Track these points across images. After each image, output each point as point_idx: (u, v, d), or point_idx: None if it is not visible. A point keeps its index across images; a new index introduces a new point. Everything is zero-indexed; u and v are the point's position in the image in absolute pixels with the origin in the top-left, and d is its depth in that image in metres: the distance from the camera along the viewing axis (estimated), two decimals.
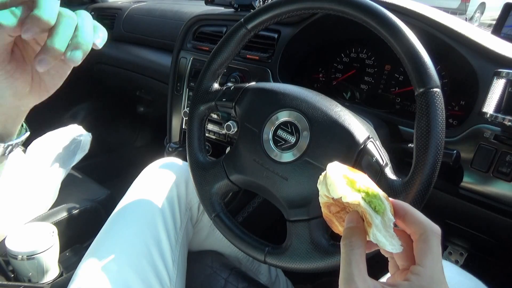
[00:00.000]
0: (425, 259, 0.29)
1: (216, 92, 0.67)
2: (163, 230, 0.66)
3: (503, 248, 0.76)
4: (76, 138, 1.04)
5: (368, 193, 0.32)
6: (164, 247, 0.64)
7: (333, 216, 0.36)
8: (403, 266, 0.33)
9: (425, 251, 0.30)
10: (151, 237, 0.64)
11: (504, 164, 0.59)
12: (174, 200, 0.70)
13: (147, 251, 0.62)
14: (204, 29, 1.03)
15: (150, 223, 0.65)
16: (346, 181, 0.32)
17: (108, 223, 0.67)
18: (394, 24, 0.50)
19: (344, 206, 0.34)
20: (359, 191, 0.32)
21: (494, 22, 0.83)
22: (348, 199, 0.31)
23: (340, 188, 0.31)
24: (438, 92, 0.46)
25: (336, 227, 0.37)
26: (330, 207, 0.35)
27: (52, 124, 1.26)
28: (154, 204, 0.68)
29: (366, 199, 0.31)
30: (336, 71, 0.94)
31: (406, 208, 0.32)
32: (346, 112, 0.56)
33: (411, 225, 0.32)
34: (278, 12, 0.59)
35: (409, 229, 0.32)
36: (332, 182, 0.32)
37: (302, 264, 0.54)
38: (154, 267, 0.61)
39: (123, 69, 1.49)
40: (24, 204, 0.89)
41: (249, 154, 0.60)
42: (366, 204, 0.31)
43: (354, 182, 0.32)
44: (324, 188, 0.33)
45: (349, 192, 0.31)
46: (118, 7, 1.58)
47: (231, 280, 0.73)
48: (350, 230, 0.32)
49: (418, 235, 0.31)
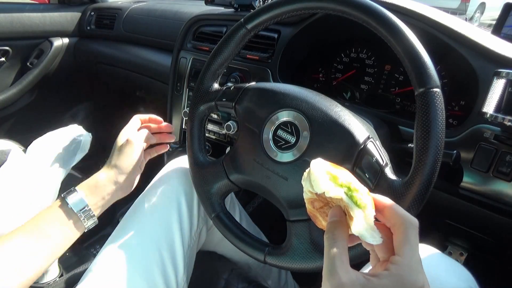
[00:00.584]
0: (403, 250, 0.31)
1: (216, 92, 0.67)
2: (178, 234, 0.64)
3: (503, 248, 0.76)
4: (76, 138, 1.04)
5: (350, 188, 0.33)
6: (177, 252, 0.63)
7: (317, 211, 0.37)
8: (383, 258, 0.34)
9: (403, 242, 0.31)
10: (165, 241, 0.62)
11: (504, 164, 0.59)
12: (193, 202, 0.68)
13: (160, 258, 0.60)
14: (204, 29, 1.03)
15: (166, 226, 0.63)
16: (329, 177, 0.33)
17: (123, 223, 0.65)
18: (394, 24, 0.50)
19: (327, 201, 0.35)
20: (341, 186, 0.33)
21: (494, 22, 0.83)
22: (331, 194, 0.33)
23: (323, 183, 0.33)
24: (438, 92, 0.46)
25: (320, 222, 0.38)
26: (314, 202, 0.37)
27: (52, 124, 1.26)
28: (173, 205, 0.65)
29: (348, 193, 0.33)
30: (336, 71, 0.94)
31: (386, 202, 0.34)
32: (346, 112, 0.56)
33: (391, 218, 0.33)
34: (278, 12, 0.59)
35: (389, 222, 0.33)
36: (315, 178, 0.33)
37: (302, 264, 0.54)
38: (164, 275, 0.60)
39: (123, 69, 1.50)
40: (24, 204, 0.89)
41: (249, 154, 0.60)
42: (348, 199, 0.32)
43: (337, 177, 0.33)
44: (308, 184, 0.35)
45: (332, 187, 0.33)
46: (118, 7, 1.58)
47: (231, 280, 0.73)
48: (333, 224, 0.33)
49: (397, 227, 0.32)
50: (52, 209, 0.57)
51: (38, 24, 1.52)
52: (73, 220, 0.57)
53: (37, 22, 1.51)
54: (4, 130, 1.60)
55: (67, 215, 0.56)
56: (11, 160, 0.93)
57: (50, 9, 1.56)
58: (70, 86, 1.78)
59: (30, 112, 1.64)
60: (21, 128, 1.63)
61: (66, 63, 1.64)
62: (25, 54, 1.55)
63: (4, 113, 1.56)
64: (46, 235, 0.54)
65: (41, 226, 0.55)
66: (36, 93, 1.63)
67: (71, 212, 0.57)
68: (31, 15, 1.49)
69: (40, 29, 1.53)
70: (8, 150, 0.95)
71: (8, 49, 1.48)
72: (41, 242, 0.54)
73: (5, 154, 0.94)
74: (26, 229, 0.54)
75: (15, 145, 1.03)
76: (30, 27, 1.50)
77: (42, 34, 1.55)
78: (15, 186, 0.89)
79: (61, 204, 0.57)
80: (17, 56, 1.53)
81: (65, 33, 1.62)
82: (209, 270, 0.76)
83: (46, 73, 1.58)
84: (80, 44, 1.65)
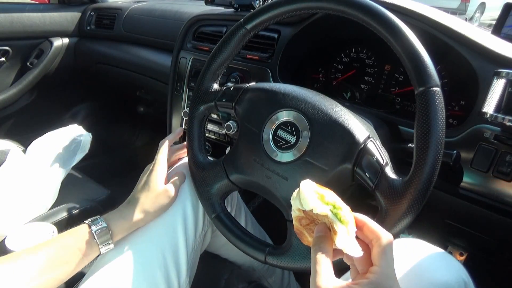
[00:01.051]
0: (381, 261, 0.35)
1: (216, 92, 0.67)
2: (182, 237, 0.63)
3: (503, 248, 0.76)
4: (76, 138, 1.04)
5: (335, 205, 0.37)
6: (180, 256, 0.62)
7: (304, 228, 0.41)
8: (362, 270, 0.38)
9: (380, 254, 0.36)
10: (168, 244, 0.61)
11: (504, 164, 0.59)
12: (199, 204, 0.66)
13: (163, 261, 0.60)
14: (204, 29, 1.03)
15: (170, 228, 0.62)
16: (317, 196, 0.38)
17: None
18: (394, 24, 0.50)
19: (314, 219, 0.39)
20: (327, 204, 0.37)
21: (494, 22, 0.83)
22: (318, 210, 0.37)
23: (312, 201, 0.37)
24: (438, 91, 0.46)
25: (306, 238, 0.42)
26: (301, 220, 0.41)
27: (52, 124, 1.26)
28: (178, 208, 0.64)
29: (333, 211, 0.37)
30: (336, 71, 0.94)
31: (365, 220, 0.39)
32: (346, 112, 0.56)
33: (369, 233, 0.38)
34: (278, 12, 0.59)
35: (367, 238, 0.38)
36: (304, 197, 0.38)
37: (303, 264, 0.54)
38: (167, 278, 0.59)
39: (123, 69, 1.50)
40: (24, 204, 0.89)
41: (249, 154, 0.60)
42: (333, 215, 0.37)
43: (323, 196, 0.38)
44: (297, 202, 0.39)
45: (319, 204, 0.37)
46: (118, 7, 1.58)
47: (231, 280, 0.73)
48: (319, 238, 0.38)
49: (374, 241, 0.37)
50: (76, 236, 0.56)
51: (38, 24, 1.52)
52: (93, 249, 0.56)
53: (37, 22, 1.51)
54: (4, 130, 1.60)
55: (88, 244, 0.55)
56: (10, 160, 0.93)
57: (50, 9, 1.56)
58: (70, 86, 1.78)
59: (30, 112, 1.65)
60: (21, 128, 1.63)
61: (66, 63, 1.64)
62: (25, 54, 1.55)
63: (4, 113, 1.56)
64: (64, 260, 0.53)
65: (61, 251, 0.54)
66: (36, 93, 1.63)
67: (93, 242, 0.56)
68: (31, 15, 1.49)
69: (40, 29, 1.53)
70: (8, 150, 0.95)
71: (8, 49, 1.48)
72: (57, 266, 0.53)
73: (5, 154, 0.94)
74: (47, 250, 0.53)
75: (15, 145, 1.04)
76: (30, 27, 1.50)
77: (42, 34, 1.55)
78: (15, 186, 0.89)
79: (85, 232, 0.56)
80: (17, 56, 1.53)
81: (65, 33, 1.62)
82: (209, 271, 0.76)
83: (46, 73, 1.58)
84: (80, 44, 1.65)
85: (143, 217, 0.60)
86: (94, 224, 0.56)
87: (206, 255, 0.79)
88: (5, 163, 0.92)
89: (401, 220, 0.47)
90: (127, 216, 0.59)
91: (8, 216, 0.85)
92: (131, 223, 0.59)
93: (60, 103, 1.79)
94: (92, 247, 0.56)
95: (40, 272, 0.51)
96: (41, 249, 0.52)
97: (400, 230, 0.49)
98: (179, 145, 0.74)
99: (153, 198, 0.61)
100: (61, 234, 0.56)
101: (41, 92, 1.64)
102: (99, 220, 0.57)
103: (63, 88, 1.75)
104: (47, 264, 0.52)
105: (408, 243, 0.57)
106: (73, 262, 0.54)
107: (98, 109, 1.91)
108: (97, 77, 1.72)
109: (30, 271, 0.50)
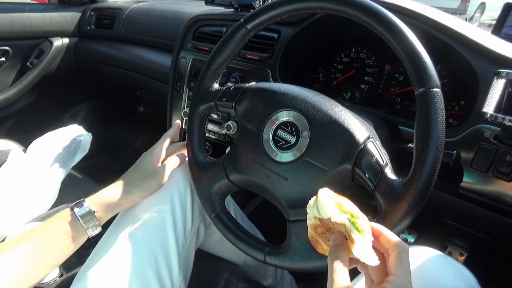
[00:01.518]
0: (397, 271, 0.36)
1: (216, 92, 0.67)
2: (172, 235, 0.62)
3: (503, 248, 0.76)
4: (76, 138, 1.04)
5: (352, 214, 0.37)
6: (171, 254, 0.62)
7: (319, 236, 0.42)
8: (377, 280, 0.38)
9: (397, 264, 0.36)
10: (158, 243, 0.61)
11: (504, 164, 0.59)
12: (187, 202, 0.67)
13: (154, 261, 0.60)
14: (204, 29, 1.03)
15: (159, 226, 0.62)
16: (335, 204, 0.38)
17: (114, 224, 0.64)
18: (394, 24, 0.50)
19: (330, 227, 0.40)
20: (345, 212, 0.37)
21: (494, 22, 0.83)
22: (336, 219, 0.37)
23: (330, 209, 0.37)
24: (438, 92, 0.46)
25: (321, 246, 0.43)
26: (317, 228, 0.41)
27: (52, 124, 1.26)
28: (165, 205, 0.64)
29: (351, 220, 0.37)
30: (336, 71, 0.94)
31: (382, 229, 0.39)
32: (346, 112, 0.56)
33: (386, 243, 0.38)
34: (278, 12, 0.59)
35: (383, 248, 0.38)
36: (323, 205, 0.38)
37: (302, 264, 0.54)
38: (159, 277, 0.59)
39: (123, 69, 1.50)
40: (24, 204, 0.89)
41: (249, 154, 0.60)
42: (351, 224, 0.37)
43: (342, 205, 0.38)
44: (314, 210, 0.39)
45: (337, 213, 0.37)
46: (118, 7, 1.58)
47: (231, 280, 0.73)
48: (336, 247, 0.38)
49: (391, 251, 0.37)
50: (60, 220, 0.56)
51: (38, 24, 1.52)
52: (80, 231, 0.56)
53: (37, 22, 1.51)
54: (4, 130, 1.60)
55: (74, 227, 0.55)
56: (11, 160, 0.93)
57: (50, 9, 1.56)
58: (70, 86, 1.78)
59: (30, 112, 1.65)
60: (21, 128, 1.63)
61: (66, 63, 1.64)
62: (25, 54, 1.55)
63: (4, 113, 1.56)
64: (51, 246, 0.54)
65: (46, 236, 0.54)
66: (36, 93, 1.63)
67: (78, 225, 0.56)
68: (31, 15, 1.49)
69: (40, 29, 1.53)
70: (8, 150, 0.95)
71: (8, 49, 1.48)
72: (45, 253, 0.53)
73: (5, 154, 0.94)
74: (31, 237, 0.53)
75: (15, 145, 1.03)
76: (30, 27, 1.50)
77: (42, 34, 1.55)
78: (15, 186, 0.89)
79: (68, 216, 0.56)
80: (17, 56, 1.53)
81: (65, 33, 1.62)
82: (209, 271, 0.76)
83: (46, 73, 1.58)
84: (80, 44, 1.65)
85: (128, 196, 0.60)
86: (77, 206, 0.57)
87: (206, 255, 0.79)
88: (6, 163, 0.92)
89: (401, 220, 0.47)
90: (111, 196, 0.59)
91: (8, 216, 0.85)
92: (115, 203, 0.59)
93: (60, 103, 1.79)
94: (78, 230, 0.56)
95: (26, 260, 0.51)
96: (25, 237, 0.52)
97: (400, 230, 0.49)
98: (180, 143, 0.74)
99: (141, 178, 0.62)
100: (45, 221, 0.56)
101: (41, 92, 1.64)
102: (81, 202, 0.57)
103: (63, 88, 1.75)
104: (34, 251, 0.52)
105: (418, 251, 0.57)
106: (60, 247, 0.54)
107: (98, 109, 1.91)
108: (97, 77, 1.72)
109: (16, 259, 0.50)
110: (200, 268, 0.73)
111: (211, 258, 0.79)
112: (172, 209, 0.64)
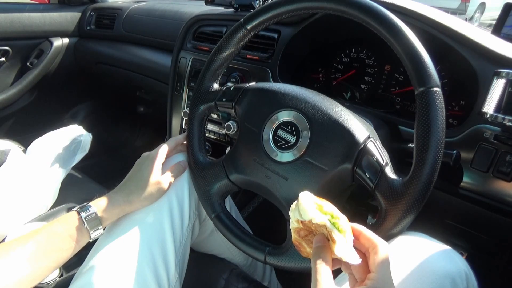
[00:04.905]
0: (378, 267, 0.37)
1: (216, 92, 0.67)
2: (169, 232, 0.63)
3: (503, 248, 0.76)
4: (76, 138, 1.04)
5: (332, 215, 0.39)
6: (168, 251, 0.62)
7: (302, 239, 0.42)
8: (360, 278, 0.39)
9: (377, 261, 0.37)
10: (156, 240, 0.61)
11: (504, 164, 0.59)
12: (184, 197, 0.67)
13: (151, 258, 0.60)
14: (204, 29, 1.03)
15: (156, 223, 0.62)
16: (315, 206, 0.39)
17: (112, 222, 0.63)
18: (394, 24, 0.50)
19: (312, 230, 0.41)
20: (325, 214, 0.39)
21: (494, 22, 0.83)
22: (317, 220, 0.38)
23: (311, 211, 0.39)
24: (438, 91, 0.46)
25: (304, 250, 0.43)
26: (299, 232, 0.42)
27: (52, 124, 1.27)
28: (163, 202, 0.64)
29: (331, 220, 0.38)
30: (336, 71, 0.94)
31: (361, 229, 0.40)
32: (346, 112, 0.56)
33: (366, 242, 0.39)
34: (278, 12, 0.59)
35: (363, 247, 0.40)
36: (304, 207, 0.39)
37: (302, 264, 0.54)
38: (156, 275, 0.60)
39: (123, 69, 1.50)
40: (24, 204, 0.89)
41: (249, 154, 0.60)
42: (331, 225, 0.38)
43: (322, 206, 0.39)
44: (296, 213, 0.40)
45: (318, 214, 0.38)
46: (118, 7, 1.58)
47: (231, 280, 0.73)
48: (319, 248, 0.39)
49: (371, 249, 0.38)
50: (66, 223, 0.56)
51: (38, 24, 1.52)
52: (84, 235, 0.57)
53: (37, 22, 1.51)
54: (4, 130, 1.60)
55: (79, 230, 0.56)
56: (11, 160, 0.93)
57: (50, 9, 1.56)
58: (70, 86, 1.78)
59: (30, 112, 1.65)
60: (21, 128, 1.63)
61: (66, 63, 1.64)
62: (25, 54, 1.55)
63: (4, 113, 1.56)
64: (55, 247, 0.54)
65: (51, 238, 0.54)
66: (36, 93, 1.63)
67: (83, 229, 0.57)
68: (31, 15, 1.49)
69: (40, 29, 1.53)
70: (8, 150, 0.95)
71: (8, 49, 1.48)
72: (49, 254, 0.54)
73: (5, 154, 0.94)
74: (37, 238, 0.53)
75: (15, 145, 1.03)
76: (30, 27, 1.50)
77: (42, 34, 1.55)
78: (15, 186, 0.89)
79: (75, 219, 0.57)
80: (17, 56, 1.53)
81: (65, 33, 1.62)
82: (208, 270, 0.76)
83: (46, 73, 1.58)
84: (80, 44, 1.65)
85: (130, 205, 0.62)
86: (83, 211, 0.58)
87: (206, 255, 0.79)
88: (5, 163, 0.92)
89: (401, 220, 0.47)
90: (115, 202, 0.61)
91: (8, 216, 0.85)
92: (119, 209, 0.61)
93: (60, 103, 1.79)
94: (82, 233, 0.57)
95: (31, 260, 0.51)
96: (31, 238, 0.53)
97: (400, 230, 0.49)
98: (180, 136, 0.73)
99: (144, 187, 0.62)
100: (50, 222, 0.57)
101: (41, 92, 1.64)
102: (87, 206, 0.59)
103: (63, 88, 1.75)
104: (38, 252, 0.53)
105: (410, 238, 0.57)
106: (64, 249, 0.55)
107: (98, 109, 1.91)
108: (97, 77, 1.72)
109: (21, 259, 0.51)
110: (200, 268, 0.73)
111: (211, 258, 0.79)
112: (170, 205, 0.65)
